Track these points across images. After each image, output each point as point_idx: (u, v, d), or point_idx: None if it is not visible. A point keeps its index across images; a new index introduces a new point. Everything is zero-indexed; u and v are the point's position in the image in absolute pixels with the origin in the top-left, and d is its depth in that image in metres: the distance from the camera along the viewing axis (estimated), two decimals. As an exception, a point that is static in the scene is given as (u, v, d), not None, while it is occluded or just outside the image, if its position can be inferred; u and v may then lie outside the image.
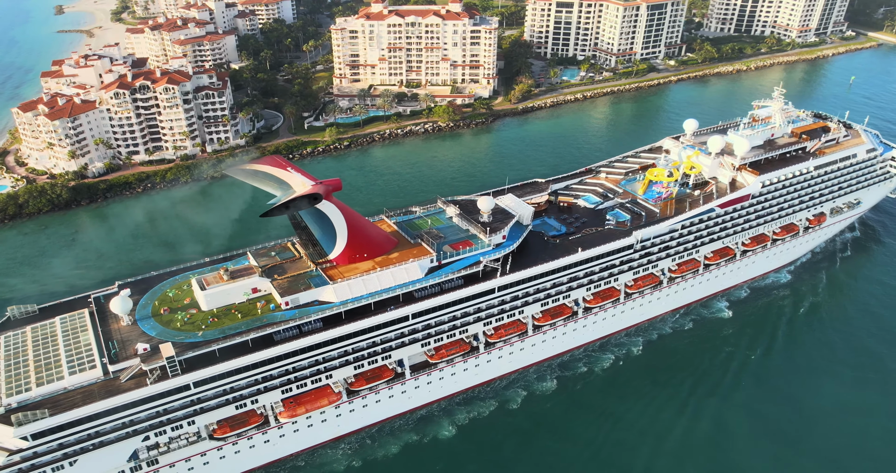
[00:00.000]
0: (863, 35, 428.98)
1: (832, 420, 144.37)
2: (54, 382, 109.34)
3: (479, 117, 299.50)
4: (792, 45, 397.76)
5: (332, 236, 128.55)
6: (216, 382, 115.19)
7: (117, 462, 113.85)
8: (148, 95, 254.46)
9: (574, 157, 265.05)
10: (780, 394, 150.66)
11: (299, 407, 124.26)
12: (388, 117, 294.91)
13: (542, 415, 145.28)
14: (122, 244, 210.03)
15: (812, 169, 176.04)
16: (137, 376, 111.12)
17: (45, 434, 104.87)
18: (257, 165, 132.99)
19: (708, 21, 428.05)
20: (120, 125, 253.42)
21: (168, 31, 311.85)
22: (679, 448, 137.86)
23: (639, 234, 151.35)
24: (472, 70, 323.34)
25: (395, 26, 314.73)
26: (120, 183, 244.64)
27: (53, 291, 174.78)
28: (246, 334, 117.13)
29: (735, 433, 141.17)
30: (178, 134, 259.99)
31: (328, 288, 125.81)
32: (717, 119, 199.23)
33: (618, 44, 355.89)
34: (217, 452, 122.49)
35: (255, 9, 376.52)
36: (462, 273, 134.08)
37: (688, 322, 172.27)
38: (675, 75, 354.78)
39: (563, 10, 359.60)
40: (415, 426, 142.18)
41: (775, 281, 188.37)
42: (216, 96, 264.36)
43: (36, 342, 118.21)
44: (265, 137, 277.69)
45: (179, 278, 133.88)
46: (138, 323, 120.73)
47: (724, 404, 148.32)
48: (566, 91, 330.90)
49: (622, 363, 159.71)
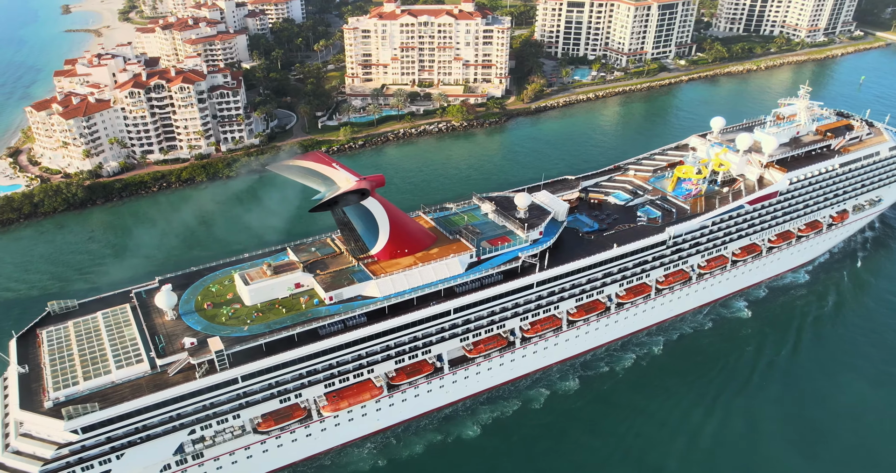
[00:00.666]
0: (871, 35, 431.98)
1: (856, 419, 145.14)
2: (102, 376, 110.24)
3: (492, 117, 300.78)
4: (801, 44, 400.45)
5: (374, 231, 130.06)
6: (263, 376, 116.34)
7: (163, 455, 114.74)
8: (163, 95, 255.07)
9: (589, 156, 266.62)
10: (804, 393, 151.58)
11: (342, 401, 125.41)
12: (401, 117, 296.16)
13: (568, 414, 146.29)
14: (152, 242, 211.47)
15: (837, 166, 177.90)
16: (185, 370, 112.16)
17: (95, 427, 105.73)
18: (301, 162, 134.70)
19: (717, 21, 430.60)
20: (134, 124, 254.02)
21: (179, 31, 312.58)
22: (709, 447, 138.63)
23: (671, 230, 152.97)
24: (484, 70, 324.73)
25: (407, 26, 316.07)
26: (135, 182, 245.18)
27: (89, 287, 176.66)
28: (292, 328, 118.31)
29: (760, 431, 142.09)
30: (192, 133, 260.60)
31: (371, 283, 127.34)
32: (730, 118, 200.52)
33: (629, 43, 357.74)
34: (260, 446, 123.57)
35: (265, 8, 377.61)
36: (501, 269, 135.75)
37: (707, 322, 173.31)
38: (685, 75, 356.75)
39: (574, 9, 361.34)
40: (439, 425, 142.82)
41: (793, 281, 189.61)
42: (231, 96, 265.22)
43: (79, 336, 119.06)
44: (279, 137, 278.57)
45: (220, 273, 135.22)
46: (182, 318, 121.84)
47: (749, 402, 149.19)
48: (578, 91, 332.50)
49: (644, 362, 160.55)
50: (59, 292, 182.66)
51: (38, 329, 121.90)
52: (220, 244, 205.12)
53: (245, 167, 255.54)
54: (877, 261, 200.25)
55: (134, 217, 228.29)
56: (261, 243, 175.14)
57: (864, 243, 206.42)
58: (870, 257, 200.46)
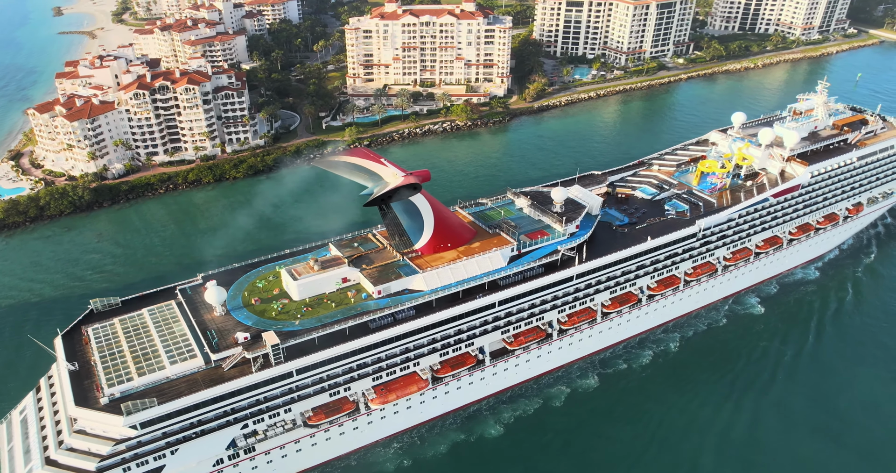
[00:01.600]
0: (864, 32, 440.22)
1: (865, 417, 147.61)
2: (156, 372, 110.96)
3: (496, 116, 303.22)
4: (797, 42, 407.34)
5: (419, 226, 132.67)
6: (316, 369, 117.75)
7: (216, 449, 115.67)
8: (168, 96, 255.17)
9: (596, 154, 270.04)
10: (814, 391, 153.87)
11: (390, 394, 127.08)
12: (405, 117, 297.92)
13: (589, 412, 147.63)
14: (178, 241, 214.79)
15: (855, 160, 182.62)
16: (240, 364, 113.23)
17: (154, 422, 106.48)
18: (348, 157, 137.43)
19: (712, 19, 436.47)
20: (139, 126, 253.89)
21: (178, 32, 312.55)
22: (731, 444, 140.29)
23: (701, 223, 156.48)
24: (486, 69, 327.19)
25: (409, 26, 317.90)
26: (141, 184, 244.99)
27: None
28: (343, 322, 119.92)
29: (779, 427, 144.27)
30: (197, 135, 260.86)
31: (418, 277, 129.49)
32: (732, 115, 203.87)
33: (628, 42, 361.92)
34: (310, 439, 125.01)
35: (262, 9, 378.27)
36: (542, 262, 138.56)
37: (722, 318, 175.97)
38: (684, 73, 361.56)
39: (573, 8, 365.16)
40: (461, 424, 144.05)
41: (804, 277, 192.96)
42: (235, 96, 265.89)
43: (128, 333, 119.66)
44: (283, 137, 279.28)
45: (263, 269, 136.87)
46: (232, 313, 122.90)
47: (767, 399, 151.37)
48: (579, 89, 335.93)
49: (661, 359, 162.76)
50: (81, 294, 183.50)
51: (84, 327, 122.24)
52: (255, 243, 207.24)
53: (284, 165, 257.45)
54: (886, 255, 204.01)
55: (141, 218, 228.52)
56: (300, 239, 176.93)
57: (872, 238, 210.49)
58: (879, 252, 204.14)
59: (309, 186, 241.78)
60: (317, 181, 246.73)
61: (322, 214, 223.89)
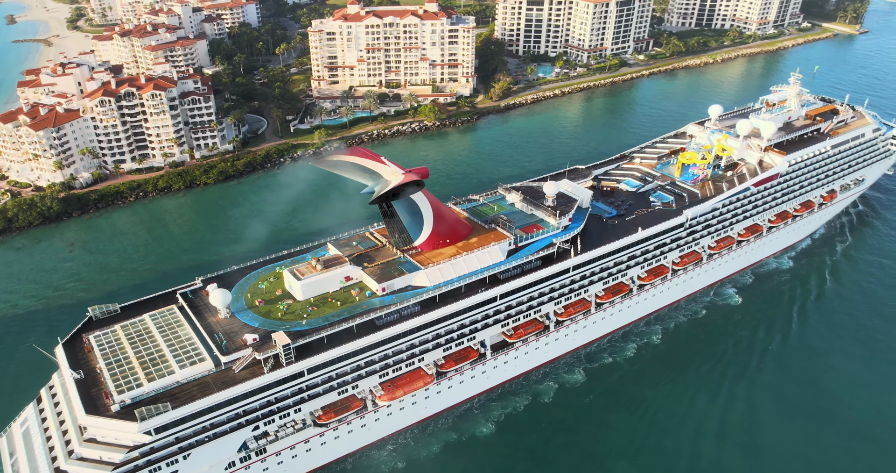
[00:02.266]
0: (818, 26, 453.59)
1: (851, 396, 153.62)
2: (166, 377, 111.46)
3: (464, 116, 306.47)
4: (753, 37, 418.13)
5: (418, 223, 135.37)
6: (326, 368, 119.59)
7: (228, 452, 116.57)
8: (134, 102, 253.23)
9: (565, 150, 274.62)
10: (801, 374, 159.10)
11: (398, 390, 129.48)
12: (374, 118, 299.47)
13: (578, 407, 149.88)
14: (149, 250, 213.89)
15: (829, 148, 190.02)
16: (250, 365, 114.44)
17: (168, 427, 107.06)
18: (346, 157, 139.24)
19: (669, 16, 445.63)
20: (105, 134, 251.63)
21: (138, 38, 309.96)
22: (719, 431, 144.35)
23: (688, 212, 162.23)
24: (450, 69, 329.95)
25: (373, 27, 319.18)
26: (111, 193, 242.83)
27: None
28: (350, 320, 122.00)
29: (765, 413, 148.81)
30: (165, 141, 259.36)
31: (421, 273, 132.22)
32: (697, 109, 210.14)
33: (589, 40, 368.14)
34: (319, 438, 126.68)
35: (221, 13, 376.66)
36: (539, 255, 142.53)
37: (701, 310, 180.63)
38: (646, 69, 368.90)
39: (534, 7, 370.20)
40: (453, 424, 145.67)
41: (777, 267, 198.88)
42: (202, 101, 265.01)
43: (131, 339, 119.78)
44: (252, 142, 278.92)
45: (263, 270, 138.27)
46: (236, 316, 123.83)
47: (751, 386, 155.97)
48: (544, 87, 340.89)
49: (645, 352, 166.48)
50: (60, 305, 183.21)
51: (84, 335, 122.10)
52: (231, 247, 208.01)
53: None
54: (857, 240, 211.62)
55: (113, 227, 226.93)
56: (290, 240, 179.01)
57: (844, 225, 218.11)
58: (849, 240, 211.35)
59: (287, 189, 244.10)
60: (291, 186, 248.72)
61: (308, 215, 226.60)
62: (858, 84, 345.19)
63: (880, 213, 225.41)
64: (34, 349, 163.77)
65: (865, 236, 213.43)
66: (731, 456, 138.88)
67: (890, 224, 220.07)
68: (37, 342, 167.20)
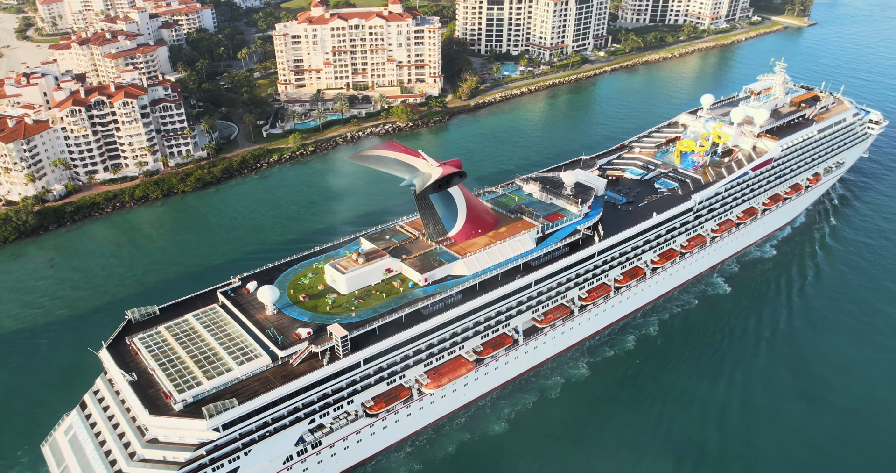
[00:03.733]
0: (767, 19, 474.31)
1: (846, 375, 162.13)
2: (224, 374, 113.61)
3: (435, 116, 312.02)
4: (707, 32, 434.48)
5: (453, 214, 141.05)
6: (379, 359, 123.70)
7: (286, 446, 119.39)
8: (105, 111, 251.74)
9: (539, 147, 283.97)
10: (797, 357, 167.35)
11: (442, 378, 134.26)
12: (346, 121, 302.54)
13: (585, 401, 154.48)
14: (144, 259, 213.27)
15: (816, 133, 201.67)
16: (308, 358, 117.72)
17: (235, 423, 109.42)
18: (380, 151, 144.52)
19: (623, 13, 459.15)
20: (77, 144, 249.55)
21: (98, 45, 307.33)
22: (731, 416, 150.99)
23: (696, 197, 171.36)
24: (417, 70, 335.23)
25: (338, 29, 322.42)
26: (87, 204, 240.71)
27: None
28: (398, 311, 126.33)
29: (770, 396, 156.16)
30: (138, 150, 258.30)
31: (459, 262, 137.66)
32: (662, 102, 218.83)
33: (550, 38, 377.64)
34: (369, 429, 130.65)
35: (178, 18, 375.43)
36: (566, 242, 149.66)
37: (693, 300, 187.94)
38: (608, 66, 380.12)
39: (495, 6, 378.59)
40: (465, 424, 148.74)
41: (761, 255, 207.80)
42: (174, 108, 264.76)
43: (179, 339, 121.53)
44: (225, 148, 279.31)
45: (299, 267, 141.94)
46: (283, 311, 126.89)
47: (749, 371, 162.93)
48: (511, 86, 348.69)
49: (645, 343, 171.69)
50: (45, 322, 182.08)
51: (127, 337, 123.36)
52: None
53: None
54: (841, 222, 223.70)
55: (93, 240, 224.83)
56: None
57: (822, 213, 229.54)
58: (831, 221, 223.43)
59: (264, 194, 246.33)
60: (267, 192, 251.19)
61: (298, 218, 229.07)
62: (818, 73, 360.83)
63: (858, 194, 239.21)
64: (52, 359, 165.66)
65: (847, 216, 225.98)
66: (737, 442, 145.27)
67: (868, 204, 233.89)
68: (44, 355, 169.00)
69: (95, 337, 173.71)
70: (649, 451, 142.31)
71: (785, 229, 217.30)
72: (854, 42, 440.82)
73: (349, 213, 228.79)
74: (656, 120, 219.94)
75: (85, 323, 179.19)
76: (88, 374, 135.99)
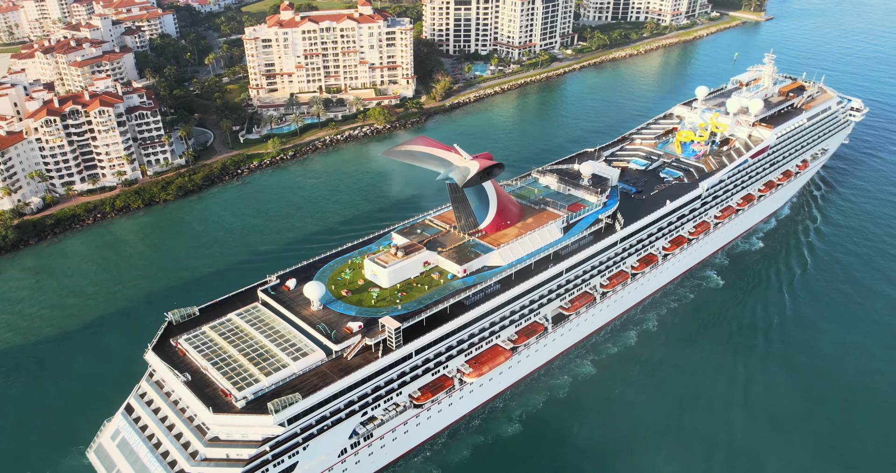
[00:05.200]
0: (726, 15, 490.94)
1: (840, 360, 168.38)
2: (280, 370, 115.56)
3: (412, 117, 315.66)
4: (670, 28, 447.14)
5: (485, 206, 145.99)
6: (428, 349, 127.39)
7: (341, 440, 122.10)
8: (80, 121, 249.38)
9: (520, 146, 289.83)
10: (797, 346, 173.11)
11: (483, 367, 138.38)
12: (323, 124, 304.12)
13: (596, 398, 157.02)
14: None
15: (806, 121, 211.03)
16: (362, 351, 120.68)
17: (299, 417, 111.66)
18: (413, 146, 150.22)
19: (585, 11, 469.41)
20: (52, 155, 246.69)
21: (63, 54, 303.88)
22: (754, 403, 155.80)
23: (704, 184, 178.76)
24: (390, 71, 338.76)
25: (309, 32, 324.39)
26: (67, 216, 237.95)
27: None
28: (442, 302, 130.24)
29: (775, 382, 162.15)
30: (115, 159, 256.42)
31: (495, 253, 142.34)
32: (636, 96, 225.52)
33: (518, 37, 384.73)
34: (416, 419, 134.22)
35: (140, 24, 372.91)
36: (591, 230, 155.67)
37: (688, 294, 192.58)
38: (577, 63, 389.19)
39: (462, 7, 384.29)
40: (479, 427, 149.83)
41: (748, 248, 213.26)
42: (150, 116, 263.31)
43: (227, 338, 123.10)
44: (203, 155, 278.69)
45: (334, 263, 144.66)
46: (329, 307, 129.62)
47: (758, 361, 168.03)
48: (484, 85, 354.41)
49: (646, 339, 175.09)
50: (35, 342, 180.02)
51: (172, 339, 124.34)
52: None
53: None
54: (829, 209, 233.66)
55: (77, 252, 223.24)
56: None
57: (804, 205, 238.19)
58: (810, 219, 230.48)
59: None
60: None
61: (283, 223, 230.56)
62: (781, 65, 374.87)
63: (840, 180, 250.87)
64: (70, 371, 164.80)
65: (832, 199, 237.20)
66: (751, 431, 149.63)
67: (851, 189, 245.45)
68: (48, 370, 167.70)
69: (103, 346, 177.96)
70: (662, 446, 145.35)
71: (770, 220, 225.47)
72: (812, 35, 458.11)
73: (339, 217, 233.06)
74: (631, 115, 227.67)
75: (92, 332, 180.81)
76: (111, 381, 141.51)
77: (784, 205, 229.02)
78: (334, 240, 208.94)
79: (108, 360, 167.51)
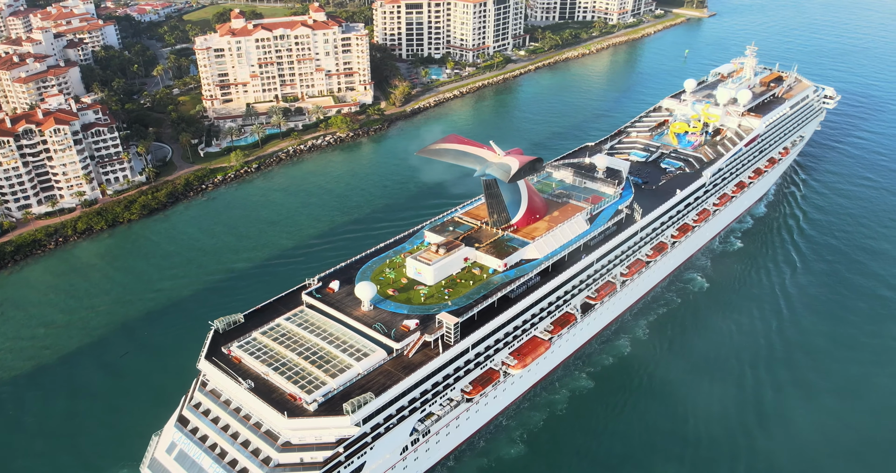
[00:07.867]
0: (670, 12, 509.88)
1: (834, 358, 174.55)
2: (346, 371, 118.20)
3: (374, 124, 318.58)
4: (618, 27, 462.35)
5: (517, 201, 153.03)
6: (483, 343, 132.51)
7: (403, 437, 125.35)
8: (35, 141, 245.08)
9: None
10: (794, 344, 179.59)
11: (527, 358, 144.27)
12: (285, 134, 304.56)
13: (596, 412, 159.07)
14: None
15: (789, 109, 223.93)
16: (421, 348, 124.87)
17: (372, 416, 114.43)
18: (447, 145, 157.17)
19: (533, 11, 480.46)
20: (7, 177, 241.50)
21: (6, 69, 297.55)
22: (764, 410, 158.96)
23: (707, 173, 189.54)
24: (347, 78, 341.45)
25: (263, 41, 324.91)
26: (27, 242, 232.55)
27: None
28: (489, 296, 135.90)
29: (774, 379, 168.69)
30: (73, 179, 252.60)
31: (531, 246, 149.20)
32: (595, 95, 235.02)
33: (471, 39, 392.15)
34: (466, 413, 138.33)
35: (81, 36, 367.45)
36: (614, 220, 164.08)
37: (675, 298, 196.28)
38: (531, 64, 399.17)
39: (413, 10, 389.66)
40: (481, 449, 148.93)
41: (727, 249, 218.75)
42: (107, 133, 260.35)
43: (282, 343, 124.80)
44: (164, 171, 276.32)
45: (372, 263, 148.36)
46: (379, 306, 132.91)
47: (762, 364, 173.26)
48: (442, 89, 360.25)
49: (639, 347, 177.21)
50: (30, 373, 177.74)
51: (224, 347, 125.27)
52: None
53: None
54: (802, 215, 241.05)
55: (40, 280, 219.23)
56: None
57: (783, 188, 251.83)
58: (788, 217, 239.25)
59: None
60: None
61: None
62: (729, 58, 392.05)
63: (816, 166, 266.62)
64: (49, 409, 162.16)
65: (809, 181, 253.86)
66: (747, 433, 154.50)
67: (828, 173, 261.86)
68: (26, 407, 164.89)
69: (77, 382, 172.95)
70: (666, 456, 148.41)
71: (759, 205, 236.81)
72: (754, 30, 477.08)
73: (314, 230, 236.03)
74: (594, 115, 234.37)
75: (65, 362, 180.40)
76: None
77: (769, 190, 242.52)
78: (313, 254, 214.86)
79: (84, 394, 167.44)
